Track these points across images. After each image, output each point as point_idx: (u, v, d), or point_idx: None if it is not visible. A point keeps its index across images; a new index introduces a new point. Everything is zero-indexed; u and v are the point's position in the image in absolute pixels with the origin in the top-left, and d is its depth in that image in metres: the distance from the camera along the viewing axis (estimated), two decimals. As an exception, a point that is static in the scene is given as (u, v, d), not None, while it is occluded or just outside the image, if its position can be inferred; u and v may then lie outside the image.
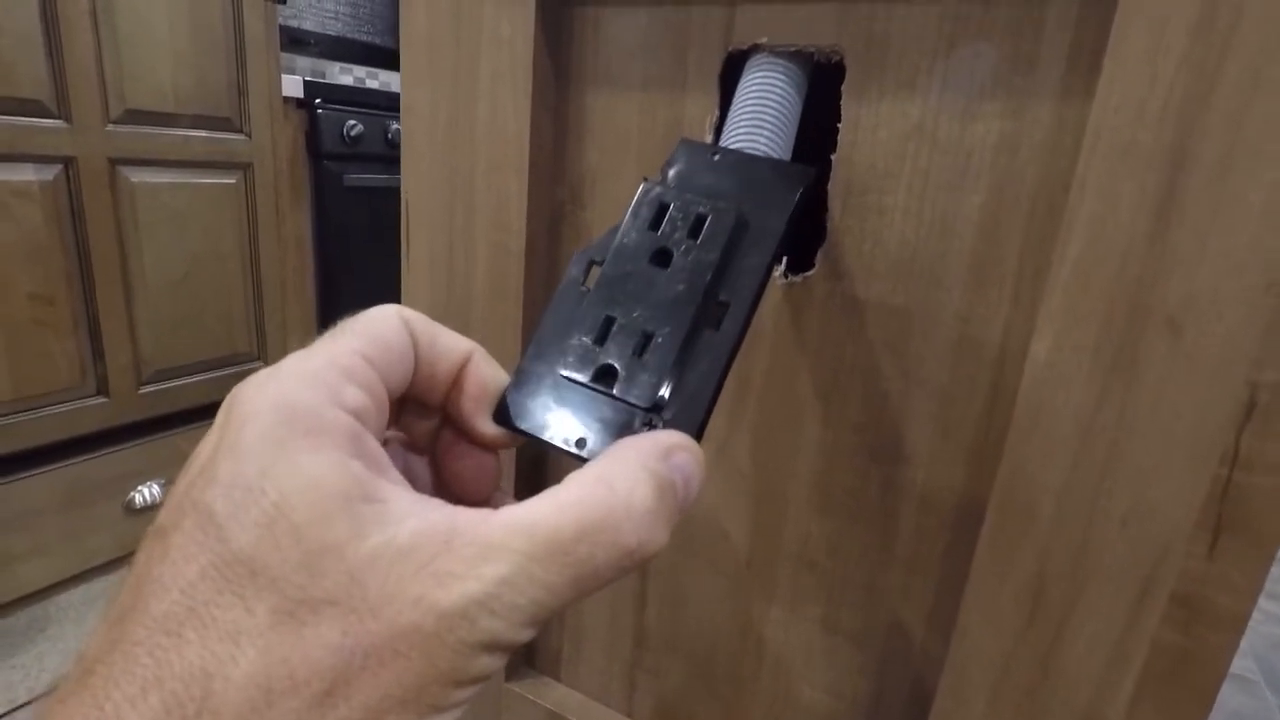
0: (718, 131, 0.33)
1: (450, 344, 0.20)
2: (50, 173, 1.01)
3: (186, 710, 0.12)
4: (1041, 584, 0.28)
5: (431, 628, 0.13)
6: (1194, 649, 0.26)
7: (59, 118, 1.01)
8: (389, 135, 1.49)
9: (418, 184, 0.39)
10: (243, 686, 0.12)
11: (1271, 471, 0.24)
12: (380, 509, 0.14)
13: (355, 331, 0.18)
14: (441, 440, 0.21)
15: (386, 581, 0.13)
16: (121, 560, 1.22)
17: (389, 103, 1.52)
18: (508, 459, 0.40)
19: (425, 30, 0.37)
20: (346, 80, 1.98)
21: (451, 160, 0.38)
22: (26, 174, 0.98)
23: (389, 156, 1.51)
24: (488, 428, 0.20)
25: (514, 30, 0.35)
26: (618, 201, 0.37)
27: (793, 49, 0.30)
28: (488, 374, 0.21)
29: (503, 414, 0.20)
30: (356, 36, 1.92)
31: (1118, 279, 0.25)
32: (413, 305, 0.42)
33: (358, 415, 0.16)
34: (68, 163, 1.02)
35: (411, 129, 0.39)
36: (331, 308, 1.47)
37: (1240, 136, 0.22)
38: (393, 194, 1.53)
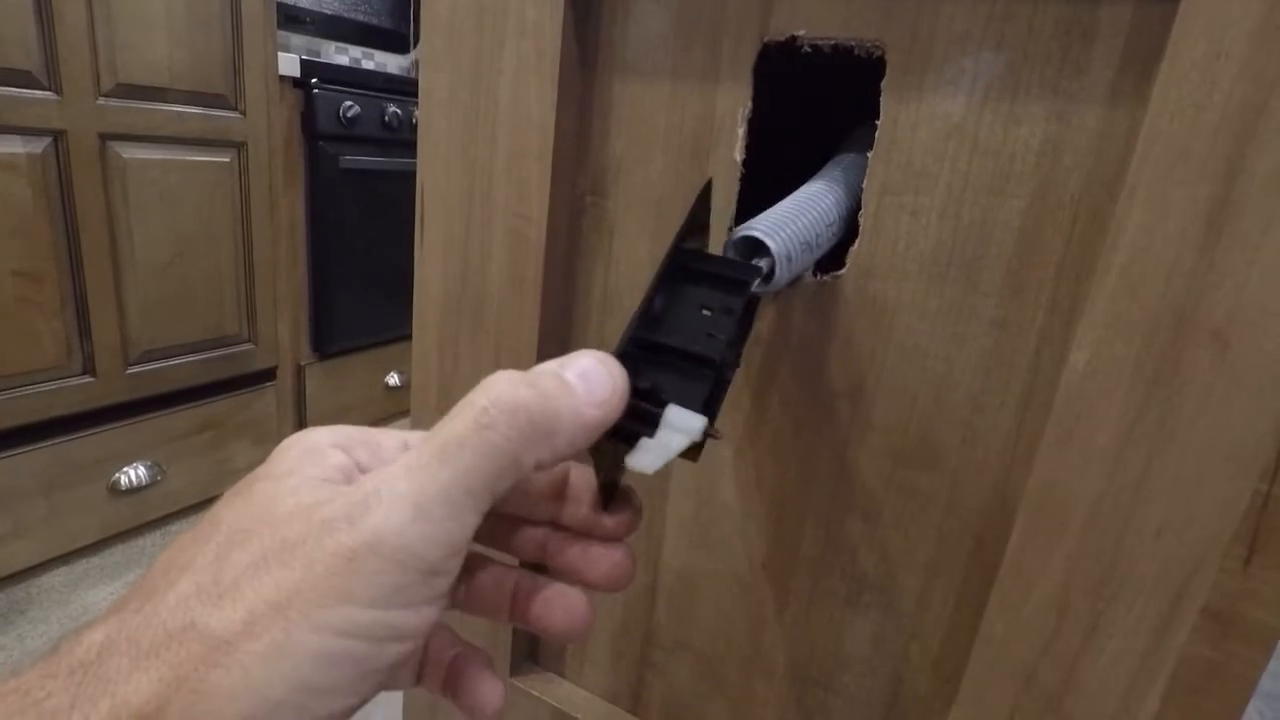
0: (749, 125, 0.32)
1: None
2: (39, 145, 0.98)
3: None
4: (1069, 594, 0.28)
5: (311, 542, 0.16)
6: (1224, 663, 0.26)
7: (48, 89, 0.98)
8: (385, 117, 1.47)
9: (434, 169, 0.38)
10: (192, 586, 0.16)
11: (1312, 488, 0.23)
12: (324, 489, 0.18)
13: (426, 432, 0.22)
14: (566, 558, 0.23)
15: (286, 523, 0.17)
16: (105, 542, 1.20)
17: (385, 84, 1.49)
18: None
19: (447, 14, 0.36)
20: (342, 60, 1.94)
21: (471, 146, 0.37)
22: (14, 146, 0.96)
23: (385, 139, 1.49)
24: (607, 519, 0.23)
25: (541, 14, 0.34)
26: (641, 191, 0.36)
27: (833, 41, 0.30)
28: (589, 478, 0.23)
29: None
30: (353, 16, 1.88)
31: (1164, 290, 0.24)
32: (426, 292, 0.41)
33: (358, 462, 0.20)
34: (57, 136, 0.99)
35: (430, 114, 0.38)
36: (323, 291, 1.45)
37: (1297, 148, 0.22)
38: (388, 177, 1.51)
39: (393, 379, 1.66)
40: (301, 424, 1.49)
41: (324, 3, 1.81)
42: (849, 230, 0.31)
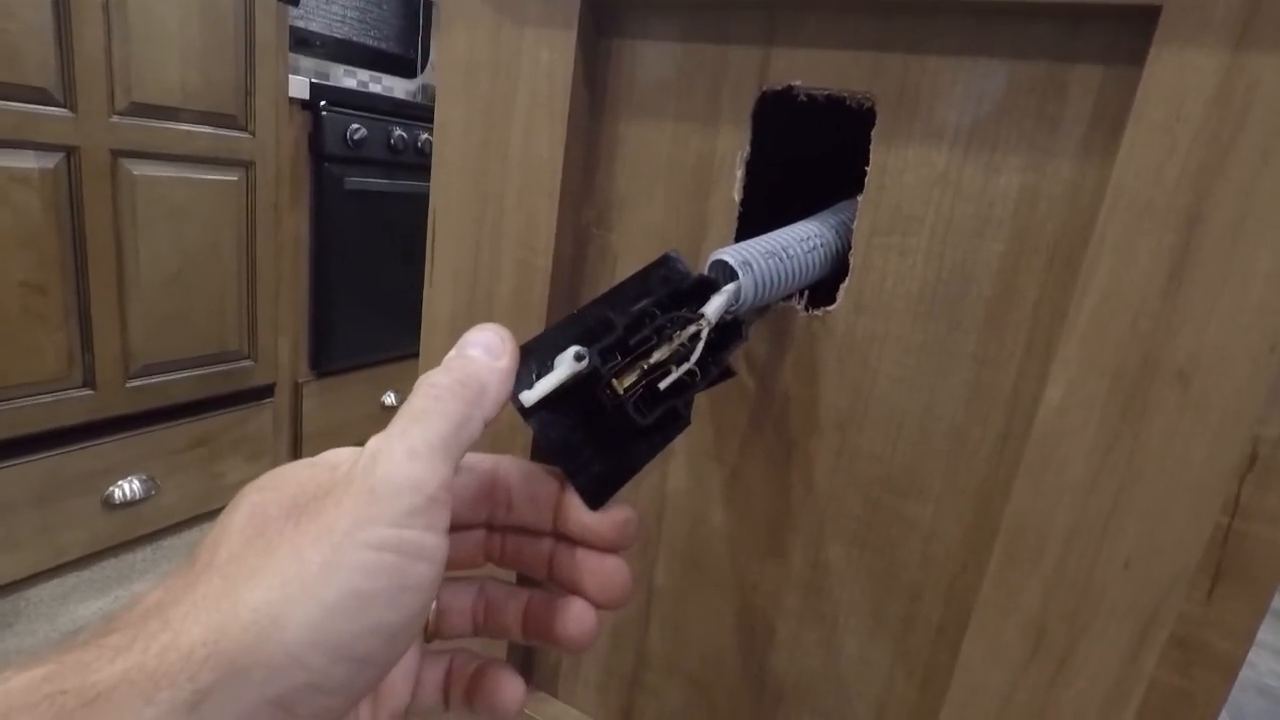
0: (748, 167, 0.34)
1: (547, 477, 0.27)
2: (51, 161, 1.00)
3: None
4: (1045, 621, 0.29)
5: (339, 490, 0.20)
6: (1190, 690, 0.27)
7: (64, 106, 1.00)
8: (391, 140, 1.50)
9: (446, 198, 0.40)
10: (239, 549, 0.19)
11: (1270, 521, 0.25)
12: (331, 458, 0.22)
13: None
14: (564, 568, 0.26)
15: (311, 482, 0.21)
16: (96, 556, 1.20)
17: (392, 108, 1.52)
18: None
19: (464, 52, 0.38)
20: (350, 83, 1.98)
21: (482, 179, 0.39)
22: (27, 161, 0.98)
23: (391, 162, 1.52)
24: (592, 520, 0.25)
25: (553, 57, 0.36)
26: (644, 226, 0.38)
27: (827, 91, 0.32)
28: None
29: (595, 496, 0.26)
30: (363, 40, 1.92)
31: (1131, 332, 0.26)
32: (433, 316, 0.42)
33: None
34: (70, 152, 1.01)
35: (444, 147, 0.40)
36: (323, 309, 1.46)
37: (1251, 204, 0.24)
38: (393, 199, 1.53)
39: (389, 398, 1.67)
40: (297, 441, 1.49)
41: (334, 27, 1.85)
42: (841, 268, 0.33)
